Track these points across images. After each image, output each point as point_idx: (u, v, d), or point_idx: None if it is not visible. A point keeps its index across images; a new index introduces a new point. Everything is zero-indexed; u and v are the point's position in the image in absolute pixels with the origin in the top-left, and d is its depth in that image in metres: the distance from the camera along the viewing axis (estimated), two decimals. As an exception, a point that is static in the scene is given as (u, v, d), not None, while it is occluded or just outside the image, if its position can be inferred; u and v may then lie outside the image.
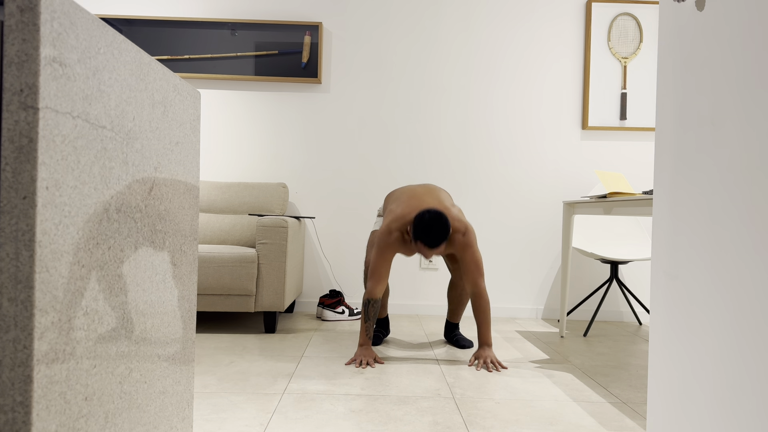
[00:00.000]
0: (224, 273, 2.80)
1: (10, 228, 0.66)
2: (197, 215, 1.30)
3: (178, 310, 1.19)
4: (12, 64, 0.66)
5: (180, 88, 1.15)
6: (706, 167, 0.91)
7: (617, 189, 2.69)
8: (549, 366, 2.44)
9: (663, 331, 1.03)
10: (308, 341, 2.78)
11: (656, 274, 1.06)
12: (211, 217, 3.37)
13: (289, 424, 1.67)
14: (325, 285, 3.64)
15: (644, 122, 3.64)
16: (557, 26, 3.65)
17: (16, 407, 0.67)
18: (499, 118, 3.66)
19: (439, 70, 3.65)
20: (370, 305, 2.44)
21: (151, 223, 1.02)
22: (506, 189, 3.66)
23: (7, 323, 0.66)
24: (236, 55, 3.59)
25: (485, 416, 1.79)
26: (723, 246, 0.86)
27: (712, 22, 0.90)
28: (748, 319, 0.80)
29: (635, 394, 2.08)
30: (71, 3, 0.72)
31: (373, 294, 2.44)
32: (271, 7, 3.63)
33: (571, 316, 3.66)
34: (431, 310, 3.64)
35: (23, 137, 0.66)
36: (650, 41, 3.64)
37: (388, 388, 2.06)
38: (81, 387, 0.78)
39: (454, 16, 3.65)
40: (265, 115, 3.64)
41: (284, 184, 3.48)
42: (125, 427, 0.94)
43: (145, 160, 0.98)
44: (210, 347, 2.59)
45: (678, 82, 1.00)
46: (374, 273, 2.45)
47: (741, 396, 0.81)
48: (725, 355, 0.85)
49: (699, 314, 0.92)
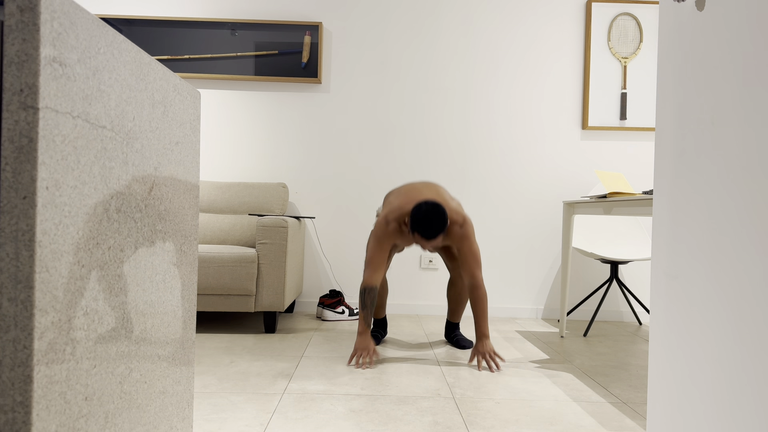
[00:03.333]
0: (224, 273, 2.80)
1: (10, 228, 0.66)
2: (197, 215, 1.30)
3: (178, 310, 1.19)
4: (12, 64, 0.66)
5: (180, 88, 1.15)
6: (706, 167, 0.91)
7: (617, 189, 2.69)
8: (549, 366, 2.44)
9: (663, 331, 1.03)
10: (308, 341, 2.78)
11: (656, 274, 1.06)
12: (211, 217, 3.37)
13: (289, 424, 1.67)
14: (325, 285, 3.64)
15: (644, 122, 3.64)
16: (557, 26, 3.65)
17: (16, 407, 0.67)
18: (500, 118, 3.66)
19: (440, 70, 3.65)
20: (366, 293, 2.44)
21: (151, 223, 1.02)
22: (506, 189, 3.66)
23: (7, 323, 0.66)
24: (236, 55, 3.59)
25: (485, 416, 1.79)
26: (723, 246, 0.86)
27: (712, 22, 0.90)
28: (747, 319, 0.80)
29: (635, 394, 2.08)
30: (71, 3, 0.72)
31: (370, 282, 2.44)
32: (271, 7, 3.63)
33: (571, 316, 3.66)
34: (431, 310, 3.64)
35: (23, 137, 0.66)
36: (650, 41, 3.64)
37: (388, 388, 2.06)
38: (81, 387, 0.78)
39: (454, 17, 3.65)
40: (265, 115, 3.64)
41: (284, 184, 3.48)
42: (125, 427, 0.94)
43: (145, 160, 0.98)
44: (210, 347, 2.59)
45: (678, 82, 1.00)
46: (371, 262, 2.46)
47: (740, 396, 0.81)
48: (725, 354, 0.85)
49: (699, 314, 0.92)
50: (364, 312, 2.43)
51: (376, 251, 2.45)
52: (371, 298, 2.44)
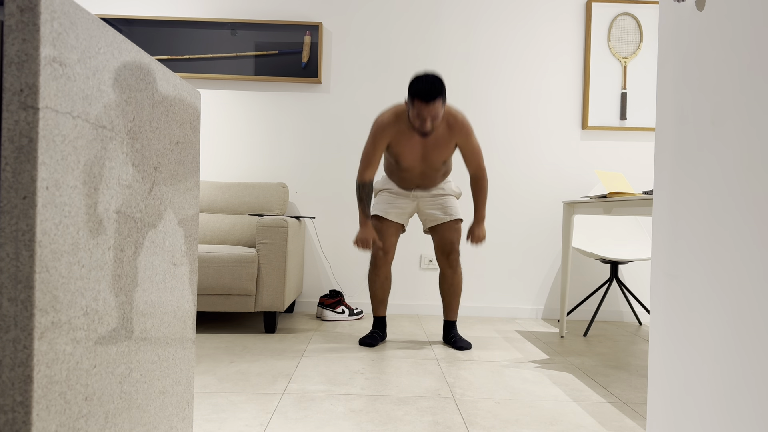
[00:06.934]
0: (224, 273, 2.79)
1: (10, 228, 0.66)
2: (197, 215, 1.30)
3: (178, 310, 1.19)
4: (12, 64, 0.66)
5: (180, 88, 1.15)
6: (706, 167, 0.91)
7: (617, 189, 2.69)
8: (549, 366, 2.44)
9: (663, 331, 1.03)
10: (308, 341, 2.78)
11: (656, 274, 1.06)
12: (211, 217, 3.37)
13: (289, 424, 1.67)
14: (325, 285, 3.64)
15: (644, 122, 3.64)
16: (557, 26, 3.65)
17: (16, 407, 0.67)
18: (500, 117, 3.66)
19: (440, 69, 3.65)
20: (361, 188, 2.64)
21: (151, 223, 1.02)
22: (506, 189, 3.66)
23: (7, 323, 0.66)
24: (236, 55, 3.59)
25: (485, 416, 1.79)
26: (723, 246, 0.86)
27: (712, 22, 0.90)
28: (748, 319, 0.80)
29: (635, 394, 2.08)
30: (71, 3, 0.72)
31: (363, 178, 2.63)
32: (271, 7, 3.63)
33: (571, 316, 3.66)
34: (431, 310, 3.64)
35: (23, 137, 0.66)
36: (650, 41, 3.64)
37: (388, 388, 2.06)
38: (81, 387, 0.78)
39: (455, 17, 3.65)
40: (265, 115, 3.64)
41: (284, 184, 3.48)
42: (125, 427, 0.94)
43: (145, 160, 0.98)
44: (210, 347, 2.59)
45: (678, 82, 1.00)
46: (365, 158, 2.63)
47: (740, 396, 0.81)
48: (725, 354, 0.85)
49: (699, 314, 0.92)
50: (361, 205, 2.63)
51: (369, 147, 2.62)
52: (366, 192, 2.63)
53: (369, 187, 2.62)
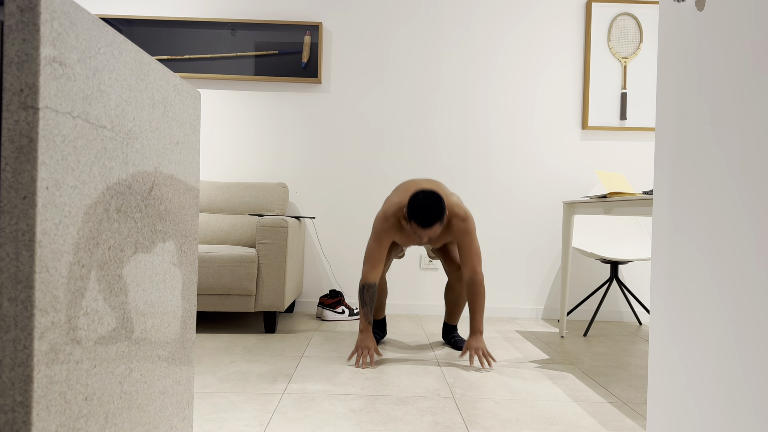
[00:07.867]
0: (224, 273, 2.79)
1: (10, 228, 0.66)
2: (197, 215, 1.30)
3: (178, 310, 1.19)
4: (12, 64, 0.66)
5: (180, 88, 1.15)
6: (706, 167, 0.91)
7: (617, 189, 2.69)
8: (549, 366, 2.44)
9: (663, 331, 1.03)
10: (308, 341, 2.78)
11: (656, 274, 1.06)
12: (211, 217, 3.37)
13: (289, 424, 1.67)
14: (325, 285, 3.64)
15: (644, 122, 3.64)
16: (557, 26, 3.65)
17: (16, 407, 0.67)
18: (500, 117, 3.66)
19: (440, 70, 3.65)
20: (365, 290, 2.44)
21: (151, 223, 1.02)
22: (506, 189, 3.66)
23: (7, 323, 0.66)
24: (236, 55, 3.59)
25: (485, 416, 1.79)
26: (723, 246, 0.86)
27: (712, 22, 0.90)
28: (748, 319, 0.80)
29: (635, 394, 2.08)
30: (71, 3, 0.72)
31: (368, 279, 2.44)
32: (271, 7, 3.63)
33: (571, 316, 3.66)
34: (431, 310, 3.64)
35: (23, 137, 0.66)
36: (650, 41, 3.64)
37: (388, 388, 2.06)
38: (81, 387, 0.78)
39: (454, 16, 3.65)
40: (265, 115, 3.64)
41: (284, 184, 3.48)
42: (125, 427, 0.94)
43: (145, 160, 0.98)
44: (210, 347, 2.59)
45: (678, 82, 1.00)
46: (369, 258, 2.45)
47: (740, 396, 0.81)
48: (725, 354, 0.85)
49: (699, 314, 0.92)
50: (364, 309, 2.43)
51: (374, 247, 2.45)
52: (370, 294, 2.43)
53: (373, 289, 2.44)
